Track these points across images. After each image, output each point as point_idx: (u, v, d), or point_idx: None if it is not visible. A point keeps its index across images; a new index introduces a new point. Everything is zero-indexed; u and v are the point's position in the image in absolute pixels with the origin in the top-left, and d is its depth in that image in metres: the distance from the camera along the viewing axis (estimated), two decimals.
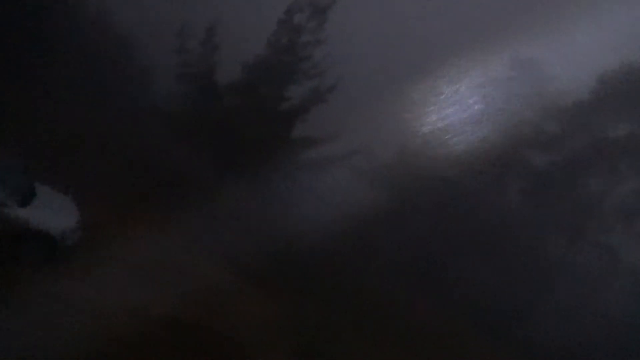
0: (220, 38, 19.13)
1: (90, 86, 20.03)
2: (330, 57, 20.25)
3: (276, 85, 20.35)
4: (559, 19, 19.05)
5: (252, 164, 18.82)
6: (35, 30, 17.90)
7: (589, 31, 18.84)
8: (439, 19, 20.71)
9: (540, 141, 21.00)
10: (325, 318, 14.97)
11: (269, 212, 20.19)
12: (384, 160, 24.04)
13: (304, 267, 18.03)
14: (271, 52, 20.01)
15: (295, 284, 16.51)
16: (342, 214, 22.32)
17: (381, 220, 22.18)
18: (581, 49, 19.52)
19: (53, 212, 10.49)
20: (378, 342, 14.66)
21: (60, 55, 19.27)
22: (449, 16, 21.03)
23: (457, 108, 20.97)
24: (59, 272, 10.27)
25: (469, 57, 20.09)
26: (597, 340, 19.42)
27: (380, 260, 20.61)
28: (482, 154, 20.33)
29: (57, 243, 10.25)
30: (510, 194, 21.91)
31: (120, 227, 13.47)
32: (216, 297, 12.61)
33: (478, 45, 19.52)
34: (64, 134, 16.59)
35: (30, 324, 8.72)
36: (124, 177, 16.88)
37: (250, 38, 19.78)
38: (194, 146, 18.59)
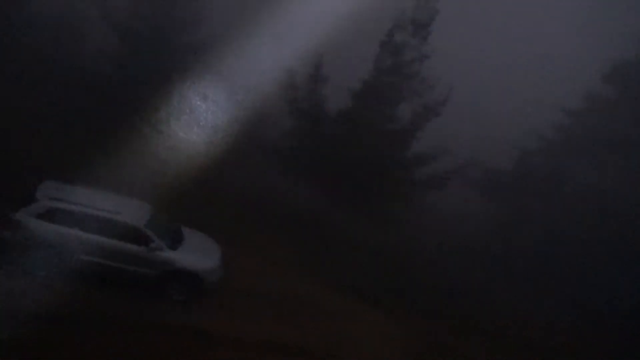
0: (327, 70, 20.11)
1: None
2: (437, 71, 20.15)
3: (386, 107, 20.72)
4: None
5: (368, 189, 19.28)
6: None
7: None
8: None
9: None
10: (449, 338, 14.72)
11: (387, 234, 20.39)
12: (500, 170, 23.25)
13: (424, 287, 17.88)
14: (377, 74, 20.49)
15: (420, 306, 16.43)
16: (461, 229, 21.88)
17: (500, 232, 21.47)
18: None
19: (199, 254, 11.88)
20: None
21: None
22: None
23: None
24: (203, 307, 11.59)
25: None
26: None
27: (496, 272, 19.87)
28: None
29: (203, 281, 11.54)
30: None
31: (254, 264, 14.67)
32: (344, 326, 13.09)
33: None
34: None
35: (178, 355, 9.93)
36: (255, 217, 18.40)
37: (355, 65, 20.54)
38: (311, 180, 19.64)
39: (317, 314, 13.19)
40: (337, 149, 19.57)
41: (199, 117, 20.49)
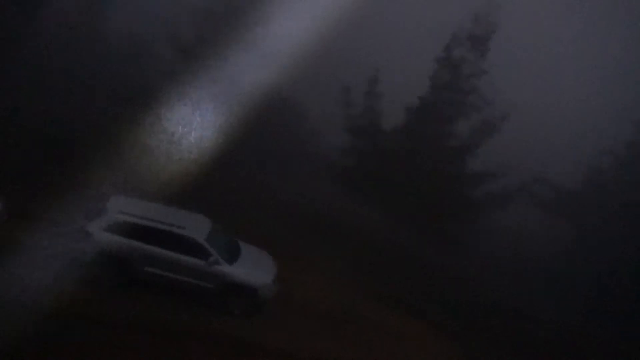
0: (383, 87, 20.21)
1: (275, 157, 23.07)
2: (497, 86, 19.72)
3: (443, 123, 20.48)
4: None
5: (426, 206, 19.01)
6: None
7: None
8: None
9: None
10: None
11: (446, 252, 19.99)
12: (566, 188, 22.23)
13: (481, 307, 17.30)
14: (434, 91, 20.35)
15: (476, 325, 15.92)
16: (523, 248, 21.09)
17: (568, 252, 20.43)
18: None
19: (255, 268, 12.13)
20: None
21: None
22: None
23: None
24: (258, 321, 11.76)
25: None
26: None
27: (564, 294, 18.87)
28: None
29: (259, 295, 11.74)
30: None
31: (309, 280, 14.76)
32: (397, 345, 12.88)
33: None
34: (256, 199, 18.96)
35: None
36: (311, 233, 18.59)
37: (412, 82, 20.51)
38: (368, 197, 19.65)
39: (372, 332, 13.08)
40: (394, 166, 19.51)
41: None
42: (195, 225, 11.96)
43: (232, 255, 12.06)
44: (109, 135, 17.88)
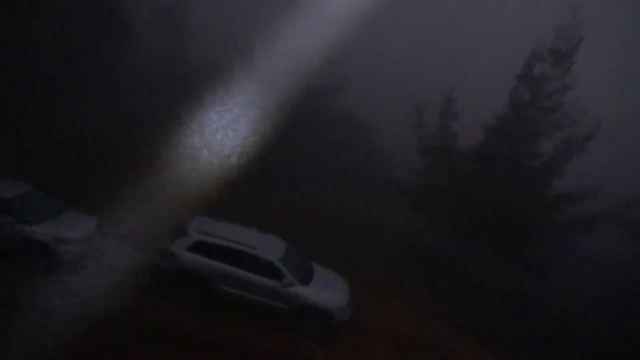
0: (458, 107, 19.78)
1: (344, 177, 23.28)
2: (582, 103, 18.65)
3: (523, 143, 19.64)
4: None
5: (505, 230, 18.20)
6: None
7: None
8: None
9: None
10: None
11: (525, 278, 19.04)
12: None
13: (558, 339, 16.20)
14: (513, 109, 19.62)
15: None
16: (609, 277, 19.58)
17: None
18: None
19: (329, 291, 12.20)
20: None
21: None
22: None
23: None
24: (330, 344, 11.78)
25: None
26: None
27: None
28: None
29: (333, 318, 11.77)
30: None
31: (382, 306, 14.61)
32: None
33: None
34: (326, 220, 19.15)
35: None
36: (384, 256, 18.44)
37: (489, 101, 19.91)
38: (443, 219, 19.16)
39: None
40: (471, 187, 18.91)
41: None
42: (271, 247, 12.28)
43: (306, 277, 12.22)
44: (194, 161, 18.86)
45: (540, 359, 14.81)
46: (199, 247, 11.87)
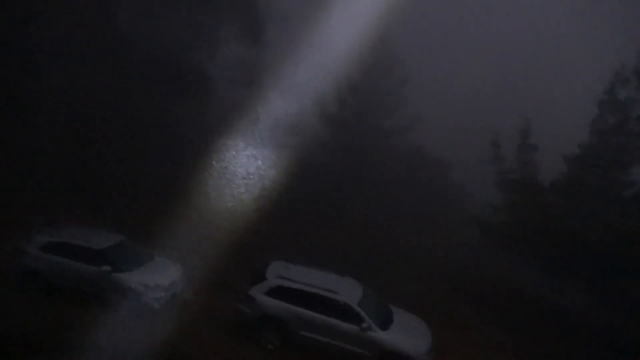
0: (536, 138, 19.02)
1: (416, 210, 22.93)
2: None
3: (613, 171, 18.39)
4: None
5: (598, 266, 16.85)
6: None
7: None
8: None
9: None
10: None
11: (623, 320, 17.45)
12: None
13: None
14: (598, 137, 18.55)
15: None
16: None
17: None
18: None
19: (409, 335, 11.91)
20: None
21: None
22: None
23: None
24: None
25: None
26: None
27: None
28: None
29: None
30: None
31: (465, 348, 13.97)
32: None
33: None
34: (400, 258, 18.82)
35: None
36: (466, 297, 17.72)
37: (570, 130, 19.00)
38: (528, 256, 18.15)
39: None
40: (558, 222, 17.81)
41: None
42: (348, 290, 12.27)
43: (385, 321, 12.01)
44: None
45: None
46: (279, 292, 12.12)
